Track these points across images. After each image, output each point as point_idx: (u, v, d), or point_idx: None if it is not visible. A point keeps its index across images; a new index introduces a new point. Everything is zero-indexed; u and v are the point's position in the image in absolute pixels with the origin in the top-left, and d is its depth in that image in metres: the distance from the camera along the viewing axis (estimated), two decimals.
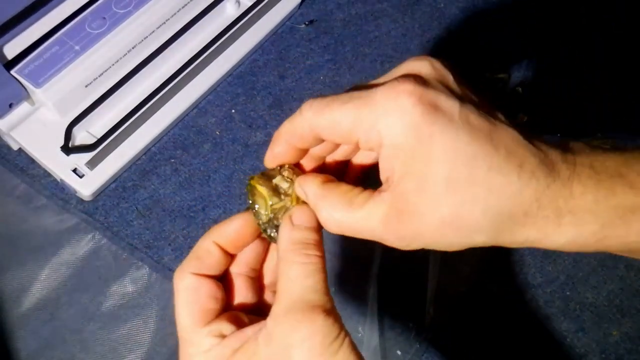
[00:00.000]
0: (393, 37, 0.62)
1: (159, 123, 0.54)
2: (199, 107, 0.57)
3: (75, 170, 0.50)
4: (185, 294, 0.27)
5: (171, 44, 0.54)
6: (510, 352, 0.49)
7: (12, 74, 0.48)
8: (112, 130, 0.50)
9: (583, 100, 0.60)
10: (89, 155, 0.50)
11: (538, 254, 0.52)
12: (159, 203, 0.52)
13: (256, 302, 0.30)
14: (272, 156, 0.29)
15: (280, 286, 0.25)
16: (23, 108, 0.51)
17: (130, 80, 0.53)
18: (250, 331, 0.26)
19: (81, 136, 0.51)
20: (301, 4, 0.63)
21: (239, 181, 0.54)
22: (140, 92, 0.53)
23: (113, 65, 0.52)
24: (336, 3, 0.64)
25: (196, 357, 0.27)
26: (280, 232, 0.27)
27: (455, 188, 0.23)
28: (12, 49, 0.49)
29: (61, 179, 0.50)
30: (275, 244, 0.28)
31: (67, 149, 0.49)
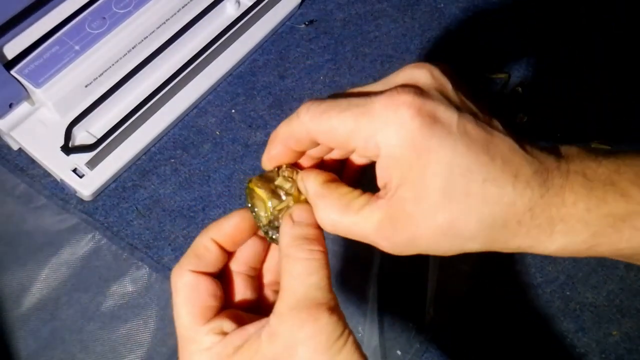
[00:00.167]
0: (393, 37, 0.62)
1: (158, 123, 0.54)
2: (199, 107, 0.57)
3: (75, 170, 0.50)
4: (184, 291, 0.27)
5: (171, 44, 0.54)
6: (510, 352, 0.49)
7: (12, 74, 0.48)
8: (112, 130, 0.50)
9: (583, 100, 0.60)
10: (89, 155, 0.50)
11: (538, 254, 0.52)
12: (159, 203, 0.52)
13: (255, 300, 0.30)
14: (269, 158, 0.29)
15: (283, 283, 0.25)
16: (23, 108, 0.51)
17: (130, 81, 0.53)
18: (252, 329, 0.26)
19: (81, 136, 0.51)
20: (301, 4, 0.63)
21: (239, 181, 0.54)
22: (140, 92, 0.53)
23: (113, 65, 0.52)
24: (336, 3, 0.64)
25: (197, 355, 0.26)
26: (282, 229, 0.27)
27: (451, 199, 0.23)
28: (12, 49, 0.49)
29: (61, 179, 0.50)
30: (277, 244, 0.28)
31: (67, 149, 0.49)
